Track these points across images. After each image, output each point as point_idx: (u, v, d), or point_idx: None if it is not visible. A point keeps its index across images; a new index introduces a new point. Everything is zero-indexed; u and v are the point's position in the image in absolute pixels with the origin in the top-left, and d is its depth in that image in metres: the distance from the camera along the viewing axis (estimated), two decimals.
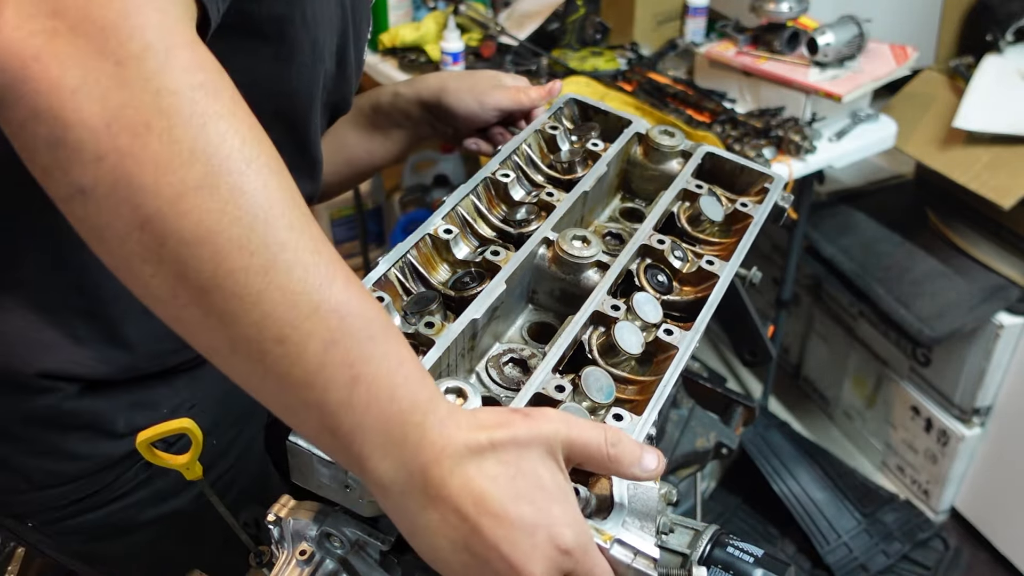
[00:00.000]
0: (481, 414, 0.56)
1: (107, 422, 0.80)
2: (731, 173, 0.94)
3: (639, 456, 0.58)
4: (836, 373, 2.42)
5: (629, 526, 0.59)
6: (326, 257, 0.52)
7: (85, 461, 0.81)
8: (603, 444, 0.57)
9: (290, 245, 0.50)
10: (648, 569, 0.57)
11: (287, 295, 0.49)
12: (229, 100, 0.50)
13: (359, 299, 0.52)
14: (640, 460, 0.57)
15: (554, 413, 0.58)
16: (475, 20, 2.05)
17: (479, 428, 0.54)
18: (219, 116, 0.48)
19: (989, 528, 2.18)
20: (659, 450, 0.59)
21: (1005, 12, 2.00)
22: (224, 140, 0.48)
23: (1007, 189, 1.80)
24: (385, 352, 0.53)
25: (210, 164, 0.47)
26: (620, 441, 0.57)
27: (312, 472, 0.65)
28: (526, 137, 0.91)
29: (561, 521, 0.54)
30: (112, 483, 0.82)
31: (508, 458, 0.54)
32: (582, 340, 0.74)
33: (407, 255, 0.76)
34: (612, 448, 0.57)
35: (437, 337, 0.68)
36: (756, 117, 1.77)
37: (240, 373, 0.53)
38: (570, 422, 0.57)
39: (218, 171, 0.47)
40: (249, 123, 0.51)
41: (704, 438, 1.28)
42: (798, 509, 2.08)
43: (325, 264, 0.51)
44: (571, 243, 0.79)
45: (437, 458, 0.52)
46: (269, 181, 0.50)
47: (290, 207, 0.51)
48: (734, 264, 0.81)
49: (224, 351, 0.52)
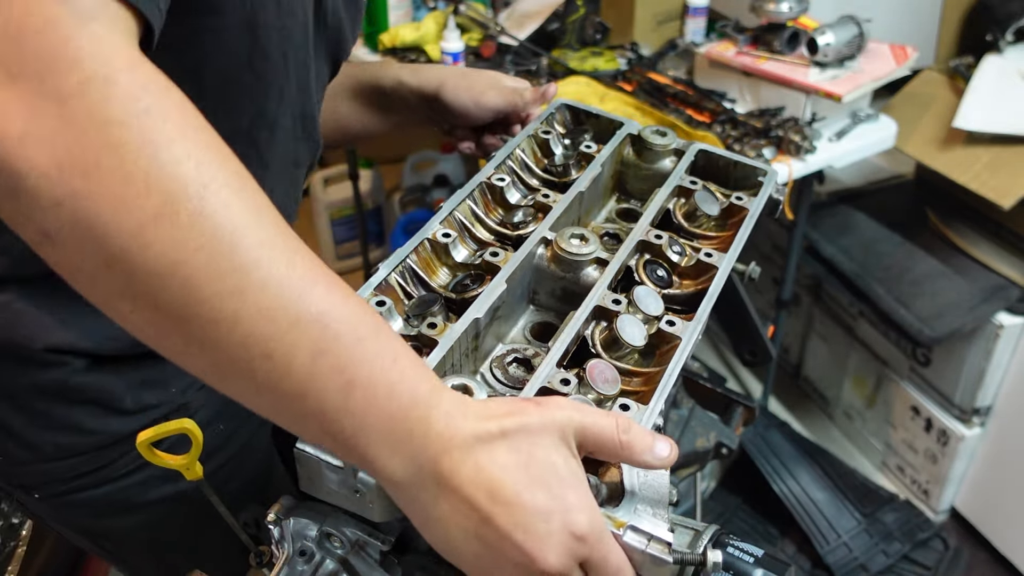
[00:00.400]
0: (492, 403, 0.56)
1: (115, 398, 0.80)
2: (724, 169, 0.95)
3: (651, 444, 0.58)
4: (836, 373, 2.42)
5: (641, 512, 0.59)
6: (302, 267, 0.51)
7: (92, 436, 0.81)
8: (615, 431, 0.57)
9: (262, 262, 0.49)
10: (662, 554, 0.57)
11: (264, 312, 0.49)
12: (179, 120, 0.49)
13: (343, 303, 0.52)
14: (652, 447, 0.58)
15: (565, 401, 0.58)
16: (475, 20, 2.05)
17: (489, 417, 0.54)
18: (170, 141, 0.47)
19: (989, 528, 2.18)
20: (671, 438, 0.59)
21: (1005, 12, 2.00)
22: (178, 165, 0.47)
23: (1007, 189, 1.80)
24: (377, 351, 0.53)
25: (166, 193, 0.47)
26: (631, 428, 0.57)
27: (321, 479, 0.65)
28: (519, 142, 0.92)
29: (575, 507, 0.54)
30: (118, 460, 0.83)
31: (520, 445, 0.54)
32: (585, 335, 0.74)
33: (407, 259, 0.76)
34: (624, 435, 0.57)
35: (440, 337, 0.68)
36: (756, 117, 1.77)
37: (236, 392, 0.53)
38: (583, 409, 0.57)
39: (175, 199, 0.47)
40: (204, 142, 0.50)
41: (704, 438, 1.28)
42: (798, 509, 2.08)
43: (301, 275, 0.51)
44: (569, 241, 0.79)
45: (446, 448, 0.52)
46: (230, 201, 0.49)
47: (256, 224, 0.50)
48: (732, 255, 0.82)
49: (215, 374, 0.52)
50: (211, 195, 0.48)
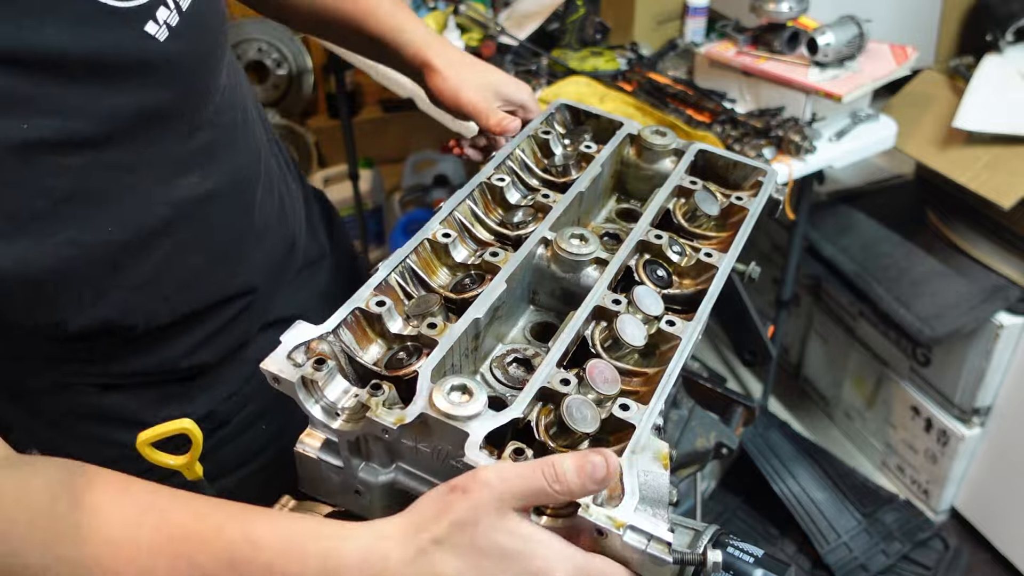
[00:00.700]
0: (415, 511, 0.55)
1: (136, 414, 0.82)
2: (724, 169, 0.94)
3: (585, 480, 0.55)
4: (836, 373, 2.42)
5: (641, 512, 0.59)
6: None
7: (121, 448, 0.81)
8: (545, 485, 0.55)
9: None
10: (662, 554, 0.57)
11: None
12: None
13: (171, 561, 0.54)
14: (589, 480, 0.55)
15: (487, 474, 0.55)
16: (475, 20, 2.05)
17: (416, 530, 0.53)
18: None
19: (989, 528, 2.18)
20: (605, 451, 0.57)
21: (1005, 12, 2.00)
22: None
23: (1007, 189, 1.80)
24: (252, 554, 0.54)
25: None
26: (561, 476, 0.55)
27: (321, 479, 0.66)
28: (519, 142, 0.92)
29: (547, 570, 0.53)
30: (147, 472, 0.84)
31: (461, 543, 0.53)
32: (585, 335, 0.74)
33: (407, 260, 0.76)
34: (556, 485, 0.55)
35: (440, 337, 0.68)
36: (756, 117, 1.77)
37: None
38: (504, 475, 0.55)
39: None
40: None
41: (704, 438, 1.27)
42: (798, 509, 2.08)
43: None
44: (569, 241, 0.79)
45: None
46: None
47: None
48: (732, 255, 0.82)
49: None
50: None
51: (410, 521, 0.54)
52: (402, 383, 0.67)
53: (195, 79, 0.73)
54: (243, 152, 0.84)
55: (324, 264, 1.03)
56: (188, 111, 0.74)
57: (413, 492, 0.66)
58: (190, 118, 0.74)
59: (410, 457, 0.65)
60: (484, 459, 0.59)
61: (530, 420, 0.65)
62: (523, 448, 0.62)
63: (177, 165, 0.74)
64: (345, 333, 0.69)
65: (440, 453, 0.63)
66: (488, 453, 0.60)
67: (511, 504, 0.54)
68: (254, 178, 0.86)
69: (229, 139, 0.80)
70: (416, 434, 0.62)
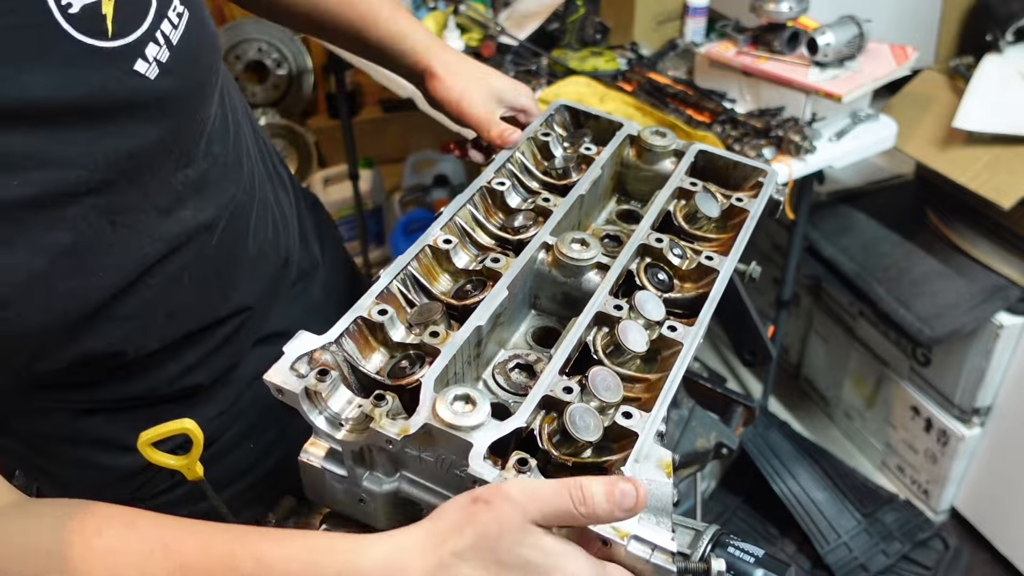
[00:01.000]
0: (438, 523, 0.54)
1: (118, 439, 0.80)
2: (724, 169, 0.94)
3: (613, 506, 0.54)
4: (836, 373, 2.42)
5: (645, 522, 0.59)
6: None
7: (109, 471, 0.82)
8: (572, 507, 0.54)
9: None
10: (666, 563, 0.57)
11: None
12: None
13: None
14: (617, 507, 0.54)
15: (511, 488, 0.54)
16: (475, 20, 2.04)
17: (437, 543, 0.52)
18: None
19: (989, 528, 2.18)
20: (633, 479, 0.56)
21: (1005, 12, 1.99)
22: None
23: (1007, 189, 1.80)
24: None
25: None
26: (588, 499, 0.54)
27: (325, 488, 0.65)
28: (519, 145, 0.92)
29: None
30: (144, 485, 0.84)
31: (483, 555, 0.52)
32: (587, 341, 0.74)
33: (408, 267, 0.76)
34: (582, 507, 0.54)
35: (442, 346, 0.68)
36: (756, 117, 1.77)
37: None
38: (529, 492, 0.54)
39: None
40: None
41: (704, 438, 1.28)
42: (798, 509, 2.08)
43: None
44: (570, 246, 0.79)
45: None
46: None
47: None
48: (733, 258, 0.82)
49: None
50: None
51: (430, 532, 0.53)
52: (405, 392, 0.67)
53: (188, 113, 0.71)
54: (236, 180, 0.81)
55: (317, 275, 1.01)
56: (182, 145, 0.72)
57: (417, 501, 0.66)
58: (184, 152, 0.72)
59: (414, 466, 0.65)
60: (488, 469, 0.59)
61: (533, 429, 0.65)
62: (527, 458, 0.62)
63: (171, 201, 0.72)
64: (347, 342, 0.69)
65: (444, 463, 0.63)
66: (492, 463, 0.60)
67: (534, 519, 0.53)
68: (248, 204, 0.84)
69: (222, 168, 0.79)
70: (420, 444, 0.62)
